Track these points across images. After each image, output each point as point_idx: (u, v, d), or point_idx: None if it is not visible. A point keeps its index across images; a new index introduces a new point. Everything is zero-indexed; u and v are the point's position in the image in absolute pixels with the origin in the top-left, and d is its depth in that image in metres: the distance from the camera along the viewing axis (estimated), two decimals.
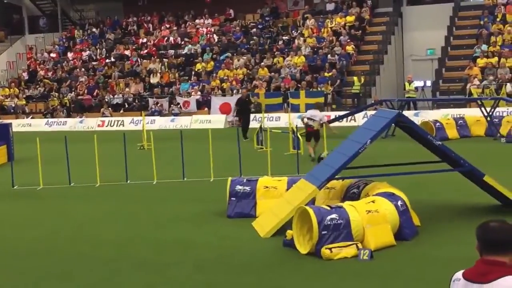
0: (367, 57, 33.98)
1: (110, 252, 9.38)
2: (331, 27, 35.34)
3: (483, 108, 21.42)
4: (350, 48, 33.48)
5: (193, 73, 35.34)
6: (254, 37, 36.91)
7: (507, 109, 24.58)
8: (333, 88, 30.96)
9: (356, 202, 9.29)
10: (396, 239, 8.97)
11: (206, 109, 32.36)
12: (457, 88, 29.73)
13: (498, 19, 32.34)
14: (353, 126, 22.99)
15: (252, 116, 25.80)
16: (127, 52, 38.80)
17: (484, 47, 30.65)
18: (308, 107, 27.29)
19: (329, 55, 33.15)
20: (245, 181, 11.32)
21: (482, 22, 32.53)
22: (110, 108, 33.79)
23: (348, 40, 33.92)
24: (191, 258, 8.83)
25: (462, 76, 29.85)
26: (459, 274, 3.64)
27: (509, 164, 15.92)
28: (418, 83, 31.55)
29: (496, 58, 29.76)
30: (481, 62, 29.82)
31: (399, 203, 9.28)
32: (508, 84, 27.60)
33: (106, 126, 31.75)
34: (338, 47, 33.47)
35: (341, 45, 33.68)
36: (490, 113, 21.45)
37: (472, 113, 23.61)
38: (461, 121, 22.43)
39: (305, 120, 17.81)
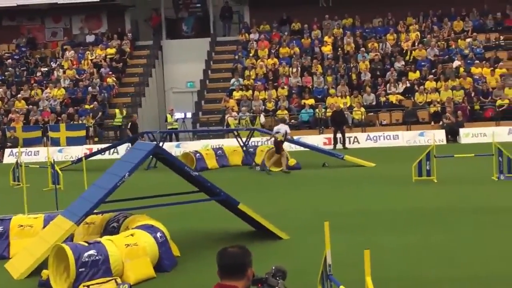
0: (129, 89, 34.11)
1: None
2: (91, 59, 34.93)
3: (239, 139, 22.54)
4: (111, 80, 33.34)
5: None
6: (10, 68, 35.20)
7: (261, 139, 26.08)
8: (95, 120, 30.55)
9: (115, 237, 9.21)
10: (156, 271, 9.04)
11: None
12: (216, 120, 30.98)
13: (251, 54, 34.39)
14: (116, 158, 22.77)
15: (8, 151, 24.52)
16: None
17: (240, 80, 32.35)
18: (69, 140, 26.72)
19: (90, 87, 32.69)
20: None
21: (236, 57, 34.35)
22: None
23: (110, 72, 33.78)
24: None
25: (220, 108, 31.18)
26: None
27: (262, 191, 16.87)
28: (179, 115, 32.33)
29: (250, 91, 31.57)
30: (237, 94, 31.43)
31: (159, 234, 9.37)
32: (262, 115, 29.39)
33: None
34: (98, 79, 33.18)
35: (102, 77, 33.42)
36: (246, 143, 22.64)
37: (230, 143, 24.70)
38: (220, 151, 23.32)
39: (274, 134, 20.04)
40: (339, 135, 27.13)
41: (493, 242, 10.23)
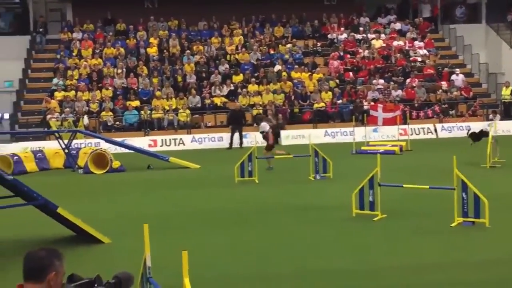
0: None
1: None
2: None
3: (61, 141, 21.81)
4: None
5: None
6: None
7: (85, 141, 25.46)
8: None
9: None
10: None
11: None
12: (37, 121, 29.72)
13: (74, 54, 33.38)
14: None
15: None
16: None
17: (62, 80, 31.28)
18: None
19: None
20: None
21: (59, 56, 33.19)
22: None
23: None
24: None
25: (41, 108, 29.95)
26: None
27: (85, 194, 16.45)
28: None
29: (73, 92, 30.64)
30: (59, 95, 30.37)
31: None
32: (85, 116, 28.65)
33: None
34: None
35: None
36: (68, 145, 21.95)
37: (51, 146, 23.82)
38: (40, 154, 22.44)
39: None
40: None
41: (311, 237, 10.74)
